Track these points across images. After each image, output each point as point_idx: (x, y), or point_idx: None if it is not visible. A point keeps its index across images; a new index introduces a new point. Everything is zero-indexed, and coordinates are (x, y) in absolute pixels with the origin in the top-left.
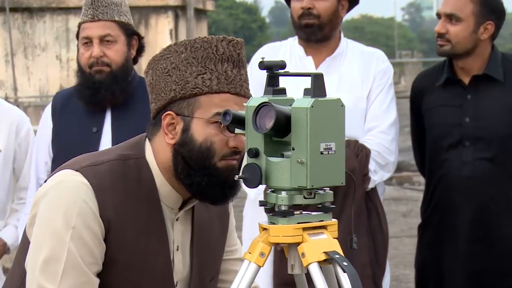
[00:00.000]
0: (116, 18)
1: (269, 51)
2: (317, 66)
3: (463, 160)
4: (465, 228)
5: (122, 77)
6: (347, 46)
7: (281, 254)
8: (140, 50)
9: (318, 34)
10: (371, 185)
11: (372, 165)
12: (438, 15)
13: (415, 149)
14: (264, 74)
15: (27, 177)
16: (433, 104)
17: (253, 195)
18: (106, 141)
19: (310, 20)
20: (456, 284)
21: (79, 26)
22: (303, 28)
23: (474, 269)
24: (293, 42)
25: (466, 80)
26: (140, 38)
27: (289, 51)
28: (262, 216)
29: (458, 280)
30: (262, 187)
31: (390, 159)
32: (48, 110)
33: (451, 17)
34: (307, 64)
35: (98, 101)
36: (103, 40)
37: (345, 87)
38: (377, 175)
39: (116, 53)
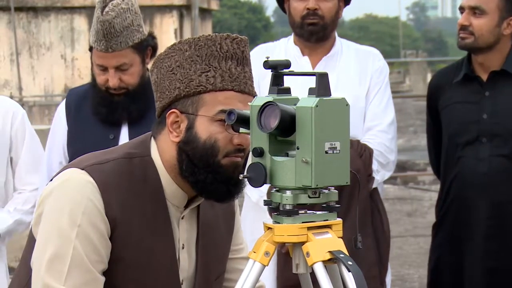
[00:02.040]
0: (130, 43)
1: (263, 52)
2: (314, 66)
3: (479, 157)
4: (481, 225)
5: (139, 95)
6: (342, 46)
7: (285, 256)
8: (153, 54)
9: (320, 33)
10: (374, 185)
11: (374, 165)
12: (461, 8)
13: (430, 148)
14: (257, 72)
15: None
16: (450, 101)
17: (256, 197)
18: None
19: (315, 19)
20: (474, 281)
21: (91, 47)
22: (307, 26)
23: (491, 266)
24: (288, 43)
25: (484, 76)
26: (154, 49)
27: (284, 51)
28: (262, 219)
29: (477, 277)
30: (264, 190)
31: (391, 158)
32: (62, 110)
33: (475, 10)
34: (303, 64)
35: (114, 120)
36: (118, 68)
37: (343, 86)
38: (379, 175)
39: (132, 76)
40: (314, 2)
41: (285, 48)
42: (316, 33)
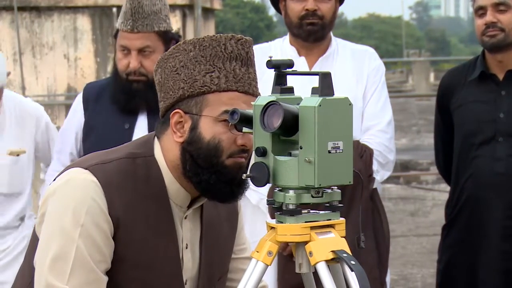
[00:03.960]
0: (156, 29)
1: (259, 53)
2: (310, 67)
3: (496, 156)
4: (498, 226)
5: None
6: (338, 45)
7: (286, 259)
8: None
9: (319, 33)
10: (374, 185)
11: (374, 165)
12: (481, 8)
13: (438, 149)
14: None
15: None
16: (464, 101)
17: (255, 199)
18: None
19: (314, 19)
20: (489, 281)
21: (117, 31)
22: (306, 26)
23: (507, 267)
24: (283, 43)
25: (500, 75)
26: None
27: (279, 52)
28: (262, 221)
29: (492, 278)
30: (264, 192)
31: (390, 158)
32: (78, 103)
33: (500, 6)
34: (300, 65)
35: (132, 108)
36: (141, 51)
37: (340, 87)
38: (379, 175)
39: (153, 63)
40: (313, 3)
41: (280, 48)
42: (314, 33)
